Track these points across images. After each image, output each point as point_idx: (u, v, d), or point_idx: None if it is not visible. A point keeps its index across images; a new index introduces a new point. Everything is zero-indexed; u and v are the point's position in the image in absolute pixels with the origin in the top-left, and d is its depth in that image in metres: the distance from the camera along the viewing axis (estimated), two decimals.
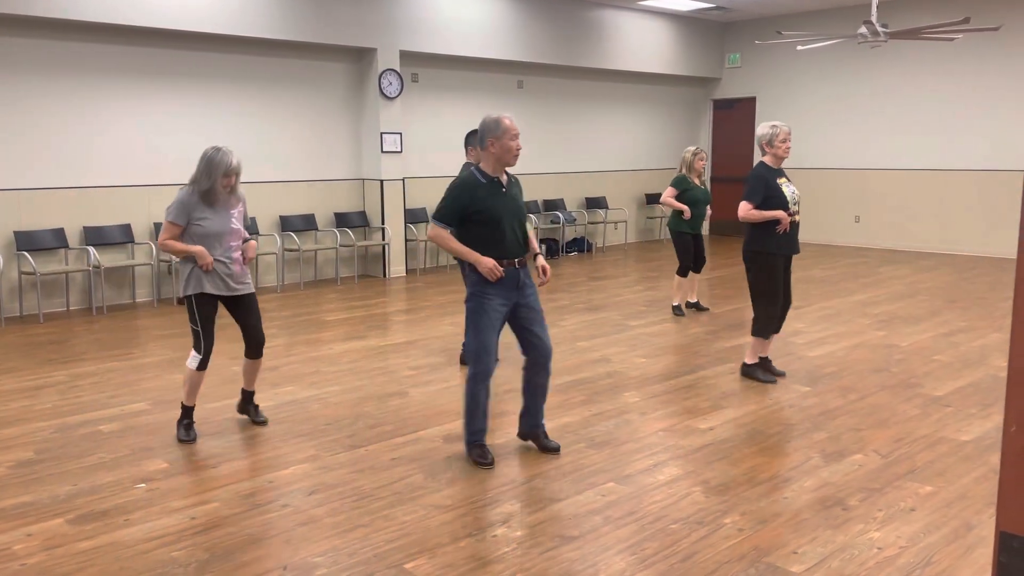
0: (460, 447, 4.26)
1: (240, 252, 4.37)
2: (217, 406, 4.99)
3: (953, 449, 4.22)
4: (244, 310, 4.45)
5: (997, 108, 11.30)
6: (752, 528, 3.34)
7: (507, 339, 4.34)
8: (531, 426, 4.21)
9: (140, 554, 3.16)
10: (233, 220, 4.33)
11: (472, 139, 5.70)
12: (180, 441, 4.40)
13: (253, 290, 4.49)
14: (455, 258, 4.06)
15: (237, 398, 5.11)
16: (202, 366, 4.36)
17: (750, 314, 7.49)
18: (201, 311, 4.29)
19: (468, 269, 3.96)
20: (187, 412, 4.48)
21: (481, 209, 3.84)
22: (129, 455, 4.20)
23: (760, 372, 5.51)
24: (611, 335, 6.83)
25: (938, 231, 12.03)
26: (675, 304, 7.73)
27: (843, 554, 3.12)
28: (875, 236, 12.64)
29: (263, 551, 3.18)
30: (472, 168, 4.00)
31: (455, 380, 5.54)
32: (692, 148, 7.62)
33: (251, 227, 7.13)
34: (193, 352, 4.36)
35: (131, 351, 6.46)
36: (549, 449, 4.17)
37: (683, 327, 7.15)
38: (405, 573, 3.00)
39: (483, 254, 3.85)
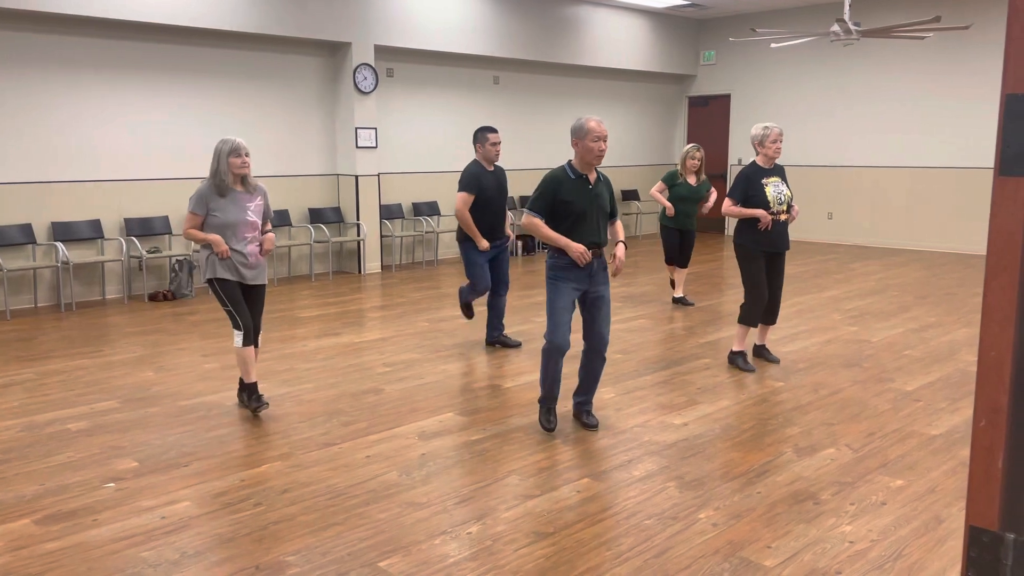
0: (435, 444, 4.26)
1: (257, 244, 4.62)
2: (187, 404, 4.93)
3: (923, 443, 4.27)
4: (251, 300, 4.68)
5: (966, 106, 11.45)
6: (726, 523, 3.35)
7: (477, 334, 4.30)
8: (578, 402, 4.57)
9: (109, 555, 3.11)
10: (249, 213, 4.58)
11: (477, 136, 6.02)
12: (254, 412, 4.68)
13: (265, 282, 4.73)
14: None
15: (211, 396, 5.08)
16: (246, 342, 4.62)
17: (727, 309, 7.58)
18: (227, 292, 4.56)
19: (549, 254, 4.32)
20: (251, 389, 4.72)
21: (566, 201, 4.21)
22: (98, 454, 4.14)
23: (740, 360, 5.70)
24: None
25: (908, 227, 12.18)
26: (675, 296, 7.95)
27: (816, 548, 3.14)
28: (847, 232, 12.77)
29: (235, 550, 3.14)
30: (567, 163, 4.30)
31: (430, 377, 5.52)
32: (689, 145, 7.67)
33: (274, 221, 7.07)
34: (234, 332, 4.62)
35: (100, 348, 6.36)
36: (588, 426, 4.49)
37: (659, 323, 7.18)
38: (379, 571, 2.98)
39: None
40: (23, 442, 4.31)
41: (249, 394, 4.73)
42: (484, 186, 5.93)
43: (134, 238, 8.45)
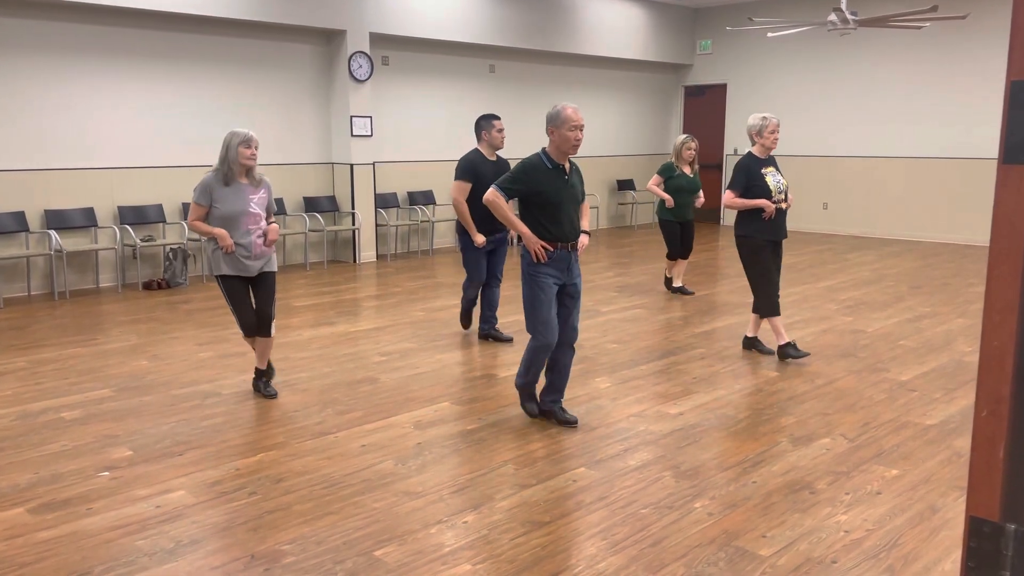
0: (430, 433, 4.26)
1: (260, 234, 4.64)
2: (182, 392, 4.91)
3: (918, 433, 4.28)
4: (259, 287, 4.73)
5: (962, 96, 11.44)
6: (721, 512, 3.36)
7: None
8: (551, 402, 4.43)
9: (103, 544, 3.10)
10: (252, 204, 4.60)
11: (482, 124, 5.97)
12: (266, 396, 4.82)
13: (274, 269, 4.77)
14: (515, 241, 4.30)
15: (206, 384, 5.08)
16: (247, 334, 4.78)
17: (724, 299, 7.58)
18: (228, 291, 4.66)
19: (523, 249, 4.21)
20: (258, 373, 4.93)
21: (542, 191, 4.10)
22: (92, 443, 4.12)
23: (760, 344, 5.84)
24: (582, 321, 6.81)
25: (903, 218, 12.19)
26: (675, 285, 7.89)
27: (811, 537, 3.15)
28: (842, 223, 12.78)
29: (230, 540, 3.13)
30: (541, 151, 4.19)
31: (425, 366, 5.51)
32: (683, 136, 7.66)
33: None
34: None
35: (94, 337, 6.34)
36: (567, 422, 4.35)
37: (655, 312, 7.18)
38: (374, 560, 2.97)
39: (539, 235, 4.13)
40: (16, 431, 4.30)
41: (257, 377, 4.93)
42: (481, 174, 5.76)
43: (128, 226, 8.40)
